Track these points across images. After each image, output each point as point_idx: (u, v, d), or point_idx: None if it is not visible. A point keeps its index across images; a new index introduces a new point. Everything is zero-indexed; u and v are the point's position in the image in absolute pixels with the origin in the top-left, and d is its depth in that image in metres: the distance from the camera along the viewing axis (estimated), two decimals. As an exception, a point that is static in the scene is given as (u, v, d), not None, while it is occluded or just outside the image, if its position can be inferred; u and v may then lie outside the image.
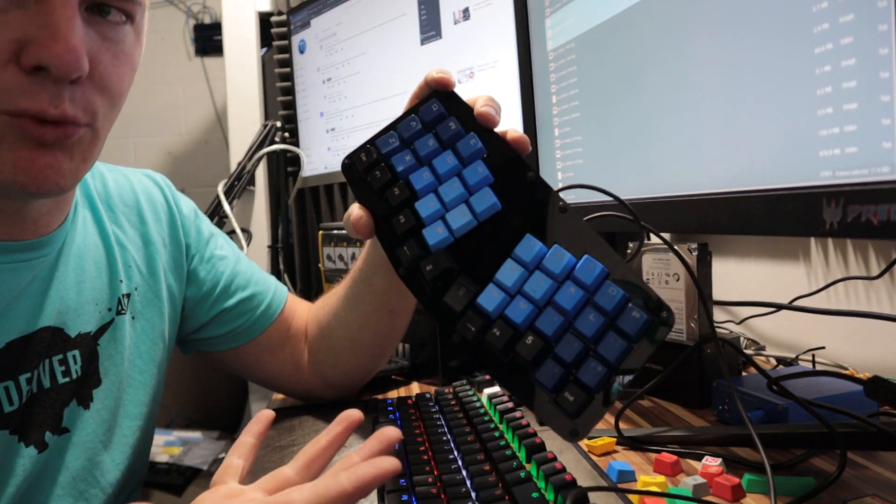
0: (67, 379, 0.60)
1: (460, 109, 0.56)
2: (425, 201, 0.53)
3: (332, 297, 0.79)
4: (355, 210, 0.56)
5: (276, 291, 0.81)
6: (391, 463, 0.39)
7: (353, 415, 0.47)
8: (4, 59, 0.46)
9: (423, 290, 0.52)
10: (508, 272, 0.49)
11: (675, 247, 0.74)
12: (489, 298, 0.49)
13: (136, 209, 0.72)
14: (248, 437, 0.48)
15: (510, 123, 1.03)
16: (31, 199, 0.55)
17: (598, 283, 0.47)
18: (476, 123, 0.54)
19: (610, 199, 0.58)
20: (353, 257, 1.09)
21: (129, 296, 0.68)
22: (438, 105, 0.56)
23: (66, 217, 0.62)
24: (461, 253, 0.51)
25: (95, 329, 0.64)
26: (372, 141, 0.57)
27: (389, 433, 0.43)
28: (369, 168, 0.56)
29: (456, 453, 0.57)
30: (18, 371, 0.56)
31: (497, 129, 0.55)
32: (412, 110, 0.57)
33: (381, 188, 0.55)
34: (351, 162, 0.57)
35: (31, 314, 0.58)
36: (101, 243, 0.66)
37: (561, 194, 0.52)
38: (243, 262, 0.80)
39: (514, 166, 0.53)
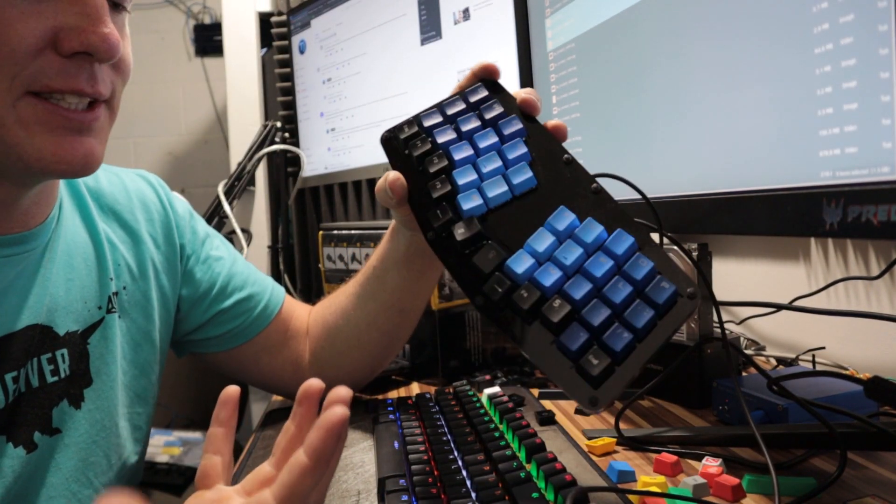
0: (56, 378, 0.60)
1: (504, 95, 0.58)
2: (463, 171, 0.54)
3: (341, 295, 0.79)
4: (392, 173, 0.57)
5: (274, 292, 0.81)
6: (337, 413, 0.38)
7: (310, 386, 0.44)
8: (42, 45, 0.50)
9: (450, 254, 0.52)
10: (540, 239, 0.49)
11: (676, 247, 0.74)
12: (519, 262, 0.49)
13: (128, 208, 0.71)
14: (218, 427, 0.46)
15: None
16: (57, 178, 0.60)
17: (628, 254, 0.47)
18: (518, 109, 0.56)
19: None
20: (354, 258, 1.09)
21: (117, 294, 0.67)
22: (483, 89, 0.58)
23: (51, 211, 0.62)
24: (493, 225, 0.52)
25: (85, 328, 0.63)
26: (415, 116, 0.59)
27: (338, 391, 0.40)
28: (410, 138, 0.57)
29: (456, 453, 0.57)
30: (4, 369, 0.56)
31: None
32: (457, 93, 0.59)
33: (421, 156, 0.56)
34: (391, 135, 0.59)
35: (15, 311, 0.57)
36: (90, 240, 0.66)
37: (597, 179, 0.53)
38: (240, 263, 0.80)
39: (551, 149, 0.54)
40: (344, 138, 1.45)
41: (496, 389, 0.72)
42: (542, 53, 0.88)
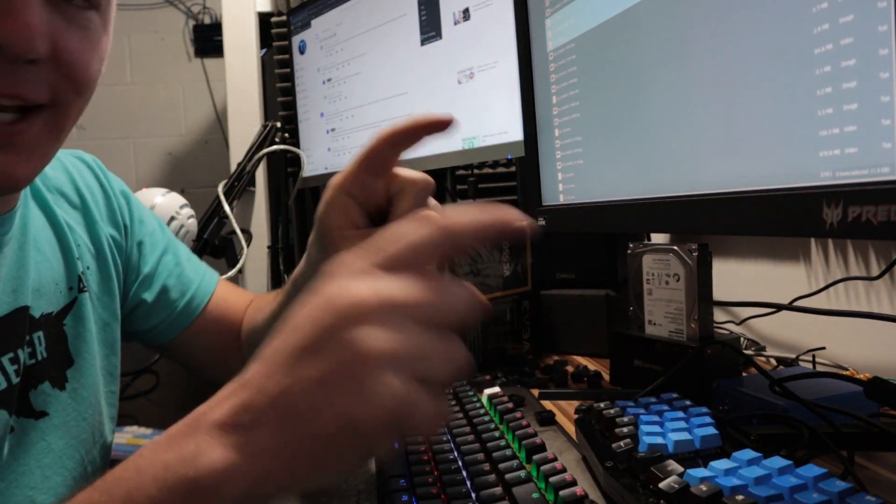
0: (34, 361, 0.60)
1: None
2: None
3: (266, 308, 0.75)
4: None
5: (202, 284, 0.78)
6: (522, 222, 0.34)
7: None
8: None
9: None
10: None
11: (676, 247, 0.74)
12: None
13: (75, 190, 0.70)
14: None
15: (511, 124, 1.03)
16: None
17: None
18: None
19: (611, 198, 0.58)
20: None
21: (84, 274, 0.67)
22: None
23: (15, 201, 0.60)
24: None
25: (59, 309, 0.63)
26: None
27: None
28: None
29: (456, 453, 0.57)
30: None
31: None
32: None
33: None
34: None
35: (2, 294, 0.57)
36: (49, 222, 0.65)
37: None
38: (170, 253, 0.78)
39: None
40: (344, 138, 1.45)
41: (496, 389, 0.72)
42: (542, 53, 0.88)
